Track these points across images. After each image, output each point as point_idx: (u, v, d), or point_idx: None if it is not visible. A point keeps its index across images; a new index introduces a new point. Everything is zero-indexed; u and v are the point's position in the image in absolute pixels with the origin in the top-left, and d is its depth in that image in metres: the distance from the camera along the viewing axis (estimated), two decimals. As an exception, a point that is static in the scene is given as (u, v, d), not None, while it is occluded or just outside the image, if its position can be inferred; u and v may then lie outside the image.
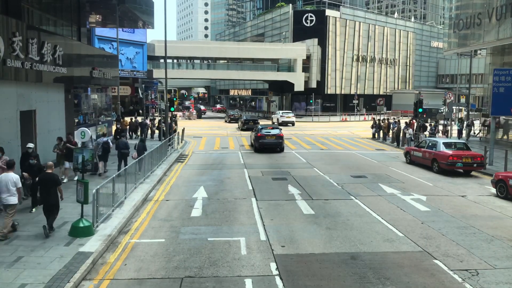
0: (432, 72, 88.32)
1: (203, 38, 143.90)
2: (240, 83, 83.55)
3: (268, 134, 25.63)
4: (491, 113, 21.57)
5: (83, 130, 11.25)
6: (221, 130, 42.16)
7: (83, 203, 10.35)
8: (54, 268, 8.17)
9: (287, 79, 62.21)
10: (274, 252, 9.54)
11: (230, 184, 16.63)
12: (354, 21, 69.62)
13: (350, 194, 15.12)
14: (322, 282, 8.07)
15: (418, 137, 27.96)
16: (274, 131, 25.94)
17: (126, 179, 13.56)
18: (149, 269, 8.56)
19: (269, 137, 25.50)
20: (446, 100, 41.20)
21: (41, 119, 16.98)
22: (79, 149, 10.70)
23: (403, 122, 34.76)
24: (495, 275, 8.44)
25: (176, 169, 19.93)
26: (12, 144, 14.72)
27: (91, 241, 9.61)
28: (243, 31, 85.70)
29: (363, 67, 71.28)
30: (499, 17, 26.58)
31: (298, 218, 12.17)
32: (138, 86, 59.48)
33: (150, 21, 28.19)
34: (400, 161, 23.12)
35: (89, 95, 24.80)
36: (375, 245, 10.05)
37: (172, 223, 11.55)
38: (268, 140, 25.49)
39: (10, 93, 14.70)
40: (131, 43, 54.19)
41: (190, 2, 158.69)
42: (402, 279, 8.24)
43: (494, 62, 31.54)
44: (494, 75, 20.77)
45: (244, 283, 7.97)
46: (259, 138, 25.56)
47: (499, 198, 14.93)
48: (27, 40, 14.48)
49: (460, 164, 18.89)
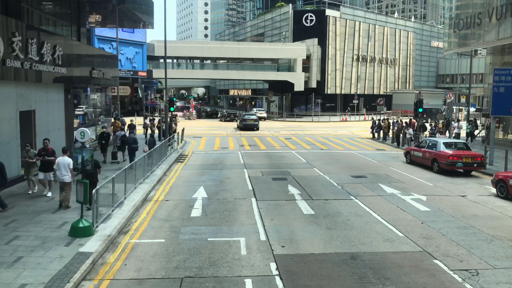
0: (432, 72, 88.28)
1: (203, 38, 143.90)
2: (240, 83, 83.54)
3: (249, 119, 42.08)
4: (491, 113, 21.55)
5: (83, 130, 11.21)
6: (220, 130, 42.16)
7: (83, 203, 10.35)
8: (54, 268, 8.16)
9: (287, 79, 62.21)
10: (274, 252, 9.53)
11: (230, 184, 16.62)
12: (354, 21, 69.59)
13: (350, 194, 15.11)
14: (322, 282, 8.06)
15: (418, 137, 27.95)
16: (252, 117, 42.93)
17: (126, 179, 13.56)
18: (149, 269, 8.55)
19: (249, 121, 41.65)
20: (446, 100, 41.19)
21: (40, 119, 16.98)
22: (79, 149, 10.69)
23: (403, 122, 34.70)
24: (495, 275, 8.44)
25: (176, 169, 19.92)
26: (11, 144, 14.73)
27: (91, 241, 9.61)
28: (243, 31, 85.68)
29: (363, 67, 71.25)
30: (499, 16, 26.56)
31: (298, 218, 12.16)
32: (138, 86, 59.50)
33: (150, 21, 28.18)
34: (400, 161, 23.11)
35: (89, 95, 24.81)
36: (375, 245, 10.04)
37: (172, 223, 11.54)
38: (248, 122, 41.28)
39: (10, 93, 14.70)
40: (131, 43, 54.22)
41: (190, 2, 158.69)
42: (402, 279, 8.23)
43: (494, 62, 31.51)
44: (494, 74, 20.75)
45: (244, 283, 7.97)
46: (243, 121, 41.98)
47: (499, 198, 14.93)
48: (27, 40, 14.47)
49: (460, 164, 18.88)
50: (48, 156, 13.26)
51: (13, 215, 11.43)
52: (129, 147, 19.39)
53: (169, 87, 55.53)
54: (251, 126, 40.90)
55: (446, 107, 33.03)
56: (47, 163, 13.22)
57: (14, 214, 11.52)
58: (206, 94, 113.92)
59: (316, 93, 62.72)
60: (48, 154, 13.32)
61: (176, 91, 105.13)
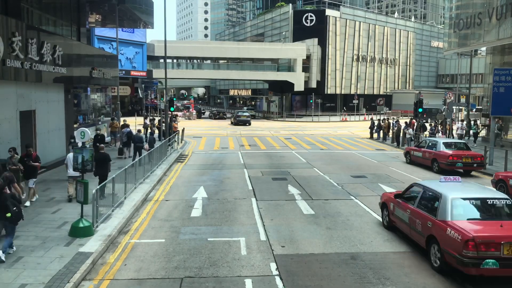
0: (432, 72, 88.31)
1: (203, 38, 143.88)
2: (240, 83, 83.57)
3: (242, 115, 50.22)
4: (491, 113, 21.55)
5: (83, 130, 11.22)
6: (221, 130, 42.16)
7: (83, 203, 10.35)
8: (54, 268, 8.16)
9: (287, 79, 62.21)
10: (274, 252, 9.53)
11: (230, 184, 16.62)
12: (354, 21, 69.60)
13: (350, 194, 15.11)
14: (322, 282, 8.06)
15: (418, 137, 27.95)
16: (246, 114, 51.18)
17: (126, 179, 13.56)
18: (149, 269, 8.55)
19: (242, 117, 49.56)
20: (446, 100, 41.23)
21: (40, 119, 16.98)
22: (79, 149, 10.69)
23: (403, 122, 34.72)
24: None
25: (176, 169, 19.92)
26: (11, 144, 14.71)
27: (91, 241, 9.60)
28: (243, 31, 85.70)
29: (363, 67, 71.26)
30: (499, 16, 26.56)
31: (298, 218, 12.16)
32: (138, 86, 59.48)
33: (150, 21, 28.19)
34: (400, 161, 23.11)
35: (89, 95, 24.81)
36: (375, 245, 10.04)
37: (172, 223, 11.54)
38: (242, 118, 49.07)
39: (10, 93, 14.70)
40: (131, 43, 54.20)
41: (190, 2, 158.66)
42: (402, 279, 8.24)
43: (494, 62, 31.50)
44: (494, 74, 20.75)
45: (244, 283, 7.97)
46: (236, 117, 49.83)
47: (499, 198, 14.79)
48: (27, 40, 14.47)
49: (460, 164, 18.87)
50: (34, 162, 12.64)
51: (13, 215, 11.41)
52: (135, 146, 20.08)
53: (169, 87, 55.66)
54: (244, 122, 48.64)
55: (446, 107, 33.02)
56: (31, 169, 12.52)
57: (14, 214, 11.50)
58: (206, 94, 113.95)
59: (316, 93, 62.74)
60: (32, 160, 12.62)
61: (176, 91, 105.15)
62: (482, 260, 7.56)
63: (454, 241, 7.97)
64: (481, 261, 7.56)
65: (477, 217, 8.76)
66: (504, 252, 7.62)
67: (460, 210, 8.68)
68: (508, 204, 8.90)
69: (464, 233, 7.86)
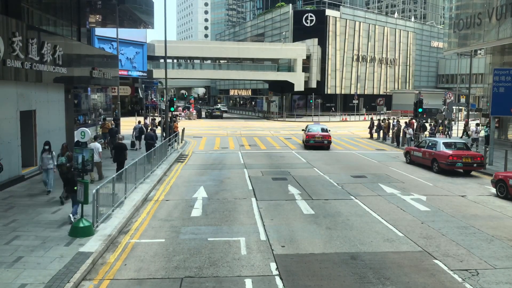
0: (432, 72, 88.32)
1: (203, 38, 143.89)
2: (240, 83, 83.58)
3: (217, 110, 62.96)
4: (491, 113, 21.55)
5: (83, 130, 11.22)
6: (221, 130, 42.17)
7: (83, 203, 10.35)
8: (54, 268, 8.17)
9: (287, 79, 62.21)
10: (274, 252, 9.54)
11: (230, 184, 16.63)
12: (354, 21, 69.61)
13: (350, 194, 15.12)
14: (322, 282, 8.07)
15: (418, 137, 27.96)
16: (223, 108, 65.55)
17: (127, 178, 13.57)
18: (149, 269, 8.55)
19: (216, 111, 62.33)
20: (446, 100, 41.23)
21: (41, 119, 16.99)
22: (79, 149, 10.69)
23: (403, 122, 34.71)
24: (495, 275, 8.44)
25: (176, 169, 19.92)
26: (12, 144, 14.74)
27: (91, 241, 9.61)
28: (243, 31, 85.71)
29: (363, 67, 71.28)
30: (499, 17, 26.57)
31: (298, 218, 12.17)
32: (138, 86, 59.46)
33: (150, 21, 28.19)
34: (400, 161, 23.12)
35: (89, 95, 24.80)
36: (375, 245, 10.05)
37: (172, 223, 11.54)
38: (215, 113, 61.54)
39: (10, 93, 14.71)
40: (131, 43, 54.18)
41: (190, 2, 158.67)
42: (402, 279, 8.24)
43: (494, 62, 31.54)
44: (494, 75, 20.75)
45: (244, 283, 7.97)
46: (212, 112, 62.80)
47: (499, 198, 14.93)
48: (27, 40, 14.48)
49: (460, 164, 18.88)
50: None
51: (13, 215, 11.43)
52: (147, 143, 21.28)
53: (169, 87, 55.70)
54: (218, 116, 61.43)
55: (446, 107, 33.03)
56: None
57: (14, 214, 11.52)
58: (206, 94, 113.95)
59: (316, 93, 62.76)
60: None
61: (176, 91, 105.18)
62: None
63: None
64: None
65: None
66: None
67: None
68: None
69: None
